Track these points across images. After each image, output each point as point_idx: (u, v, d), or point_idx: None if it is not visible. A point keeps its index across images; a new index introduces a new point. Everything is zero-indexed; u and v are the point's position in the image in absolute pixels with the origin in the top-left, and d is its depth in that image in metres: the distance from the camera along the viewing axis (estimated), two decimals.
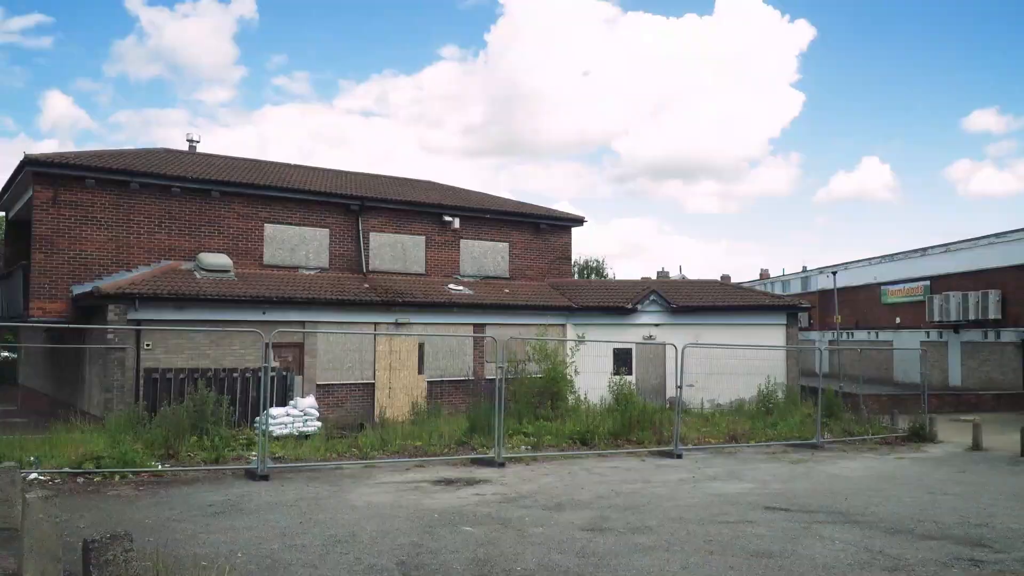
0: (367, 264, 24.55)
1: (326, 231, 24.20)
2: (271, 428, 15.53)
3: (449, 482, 12.32)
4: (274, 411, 16.34)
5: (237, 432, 15.41)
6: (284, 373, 18.72)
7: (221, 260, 21.45)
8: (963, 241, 37.38)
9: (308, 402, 17.36)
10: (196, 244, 22.15)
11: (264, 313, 20.30)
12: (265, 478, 12.09)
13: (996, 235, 34.95)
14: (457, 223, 26.14)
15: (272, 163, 28.50)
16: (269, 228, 23.30)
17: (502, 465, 13.92)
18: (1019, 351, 31.86)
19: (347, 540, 8.42)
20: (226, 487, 11.50)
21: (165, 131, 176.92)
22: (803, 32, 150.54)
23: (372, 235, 24.88)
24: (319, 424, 17.04)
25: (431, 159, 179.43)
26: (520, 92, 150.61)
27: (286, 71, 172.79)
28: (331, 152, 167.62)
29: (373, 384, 21.80)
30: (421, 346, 22.63)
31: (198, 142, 27.87)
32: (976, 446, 17.74)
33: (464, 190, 31.37)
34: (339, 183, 26.21)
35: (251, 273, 22.29)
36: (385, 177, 30.82)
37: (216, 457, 13.38)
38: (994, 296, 32.77)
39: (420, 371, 22.54)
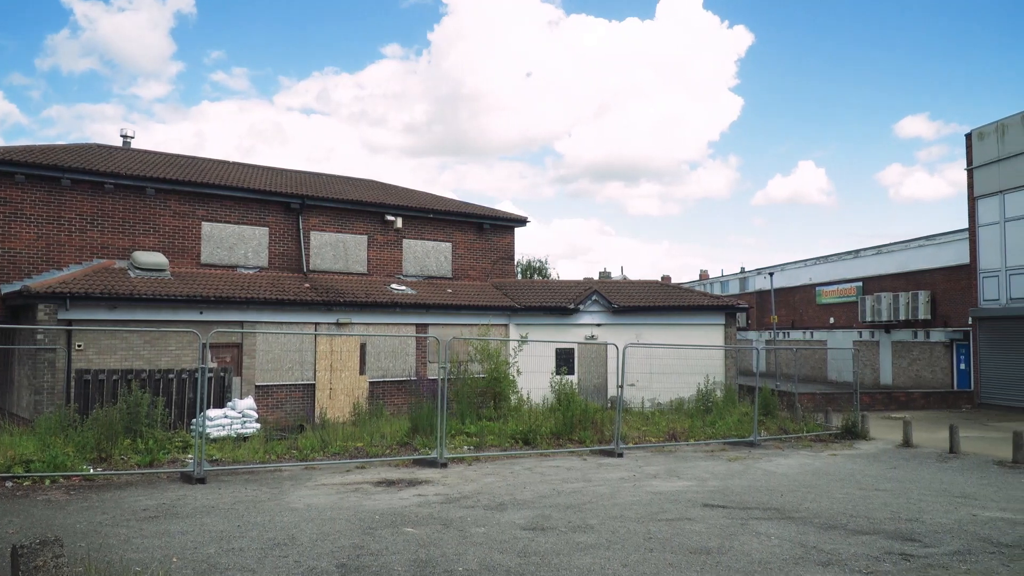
0: (308, 263, 24.24)
1: (265, 230, 23.82)
2: (208, 430, 15.24)
3: (391, 483, 12.23)
4: (211, 413, 16.04)
5: (173, 434, 15.08)
6: (222, 374, 18.36)
7: (156, 259, 20.96)
8: (894, 243, 38.57)
9: (247, 403, 17.05)
10: (130, 242, 21.61)
11: (201, 313, 19.91)
12: (202, 481, 11.85)
13: (926, 238, 36.16)
14: (400, 222, 25.99)
15: (210, 160, 27.93)
16: (206, 226, 22.85)
17: (444, 465, 13.88)
18: (947, 350, 32.98)
19: (286, 543, 8.30)
20: (161, 491, 11.23)
21: (99, 126, 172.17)
22: (742, 38, 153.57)
23: (313, 234, 24.57)
24: (258, 426, 16.75)
25: (373, 158, 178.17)
26: (463, 92, 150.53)
27: (224, 67, 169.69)
28: (271, 149, 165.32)
29: (313, 385, 21.53)
30: (363, 346, 22.44)
31: (132, 138, 27.20)
32: (907, 443, 18.29)
33: (407, 189, 31.20)
34: (279, 181, 25.82)
35: (188, 272, 21.83)
36: (326, 175, 30.46)
37: (151, 460, 13.08)
38: (924, 297, 33.89)
39: (362, 371, 22.34)
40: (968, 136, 29.38)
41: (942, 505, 11.03)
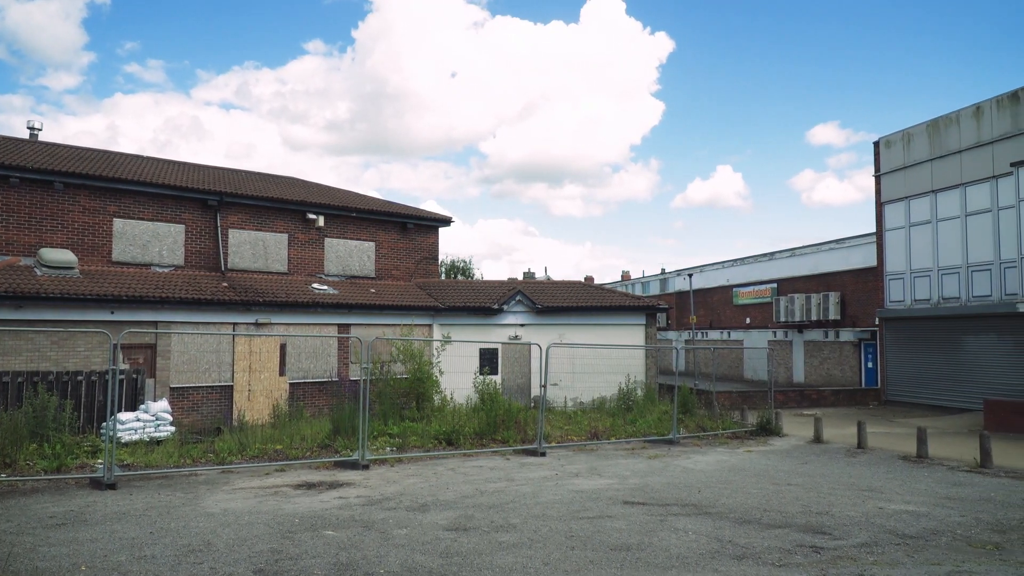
0: (226, 262, 23.66)
1: (181, 227, 23.15)
2: (119, 434, 14.76)
3: (311, 486, 12.04)
4: (123, 416, 15.54)
5: (82, 439, 14.58)
6: (134, 376, 17.78)
7: (64, 256, 20.15)
8: (807, 246, 39.86)
9: (160, 406, 16.56)
10: (37, 239, 20.71)
11: (112, 313, 19.24)
12: (112, 487, 11.46)
13: (836, 241, 37.49)
14: (321, 221, 25.59)
15: (123, 154, 26.99)
16: (118, 223, 22.07)
17: (366, 467, 13.74)
18: (856, 350, 34.25)
19: (201, 549, 8.08)
20: (69, 497, 10.81)
21: (4, 118, 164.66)
22: (663, 44, 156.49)
23: (231, 232, 23.99)
24: (172, 429, 16.30)
25: (294, 155, 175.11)
26: (387, 90, 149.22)
27: (139, 58, 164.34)
28: (188, 145, 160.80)
29: (231, 386, 21.03)
30: (283, 347, 22.03)
31: (40, 130, 26.10)
32: (817, 439, 18.92)
33: (329, 187, 30.76)
34: (196, 177, 25.13)
35: (98, 270, 21.05)
36: (246, 172, 29.79)
37: (58, 466, 12.60)
38: (834, 298, 35.13)
39: (282, 373, 21.92)
40: (876, 144, 30.56)
41: (850, 499, 11.43)
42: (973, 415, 23.85)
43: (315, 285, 24.22)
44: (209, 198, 23.42)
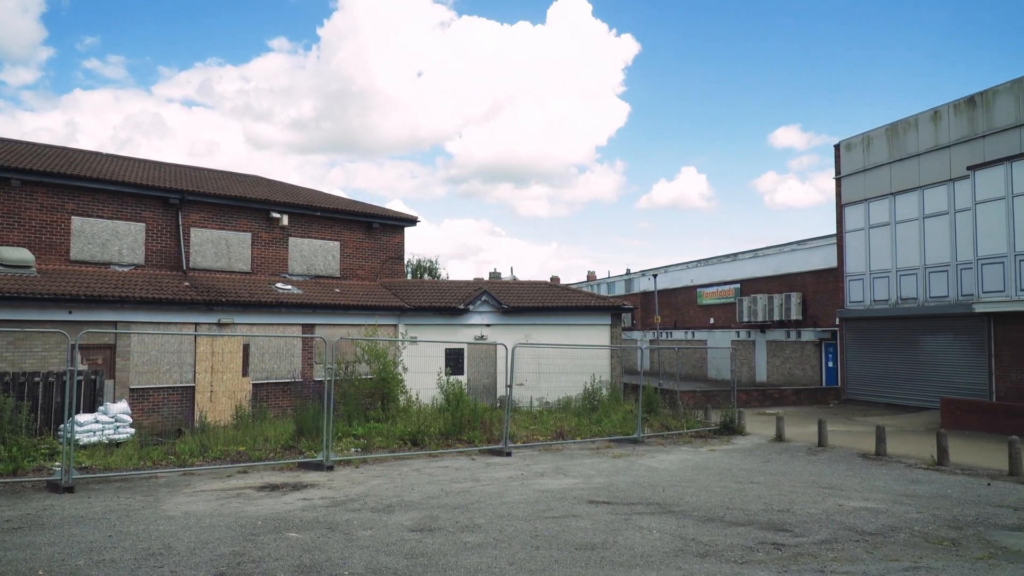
0: (187, 261, 23.35)
1: (142, 225, 22.79)
2: (78, 436, 14.51)
3: (274, 487, 11.92)
4: (81, 418, 15.27)
5: (39, 441, 14.29)
6: (93, 377, 17.47)
7: (21, 255, 19.74)
8: (769, 247, 40.35)
9: (120, 407, 16.29)
10: None
11: (71, 312, 18.90)
12: (70, 490, 11.26)
13: (798, 242, 38.00)
14: (286, 220, 25.35)
15: (82, 151, 26.51)
16: (77, 221, 21.67)
17: (331, 468, 13.64)
18: (817, 349, 34.74)
19: (161, 553, 7.96)
20: (25, 501, 10.59)
21: None
22: (629, 46, 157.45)
23: (193, 231, 23.67)
24: (132, 431, 16.04)
25: (258, 153, 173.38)
26: (353, 89, 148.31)
27: (99, 54, 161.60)
28: (149, 142, 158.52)
29: (193, 387, 20.75)
30: (246, 347, 21.78)
31: None
32: (779, 437, 19.16)
33: (293, 186, 30.49)
34: (157, 175, 24.76)
35: (56, 269, 20.66)
36: (208, 170, 29.42)
37: (14, 468, 12.34)
38: (796, 298, 35.61)
39: (244, 373, 21.68)
40: (837, 147, 31.03)
41: (811, 496, 11.59)
42: (930, 413, 24.32)
43: (279, 285, 24.00)
44: (170, 196, 23.09)
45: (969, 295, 24.01)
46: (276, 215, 25.15)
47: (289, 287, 23.93)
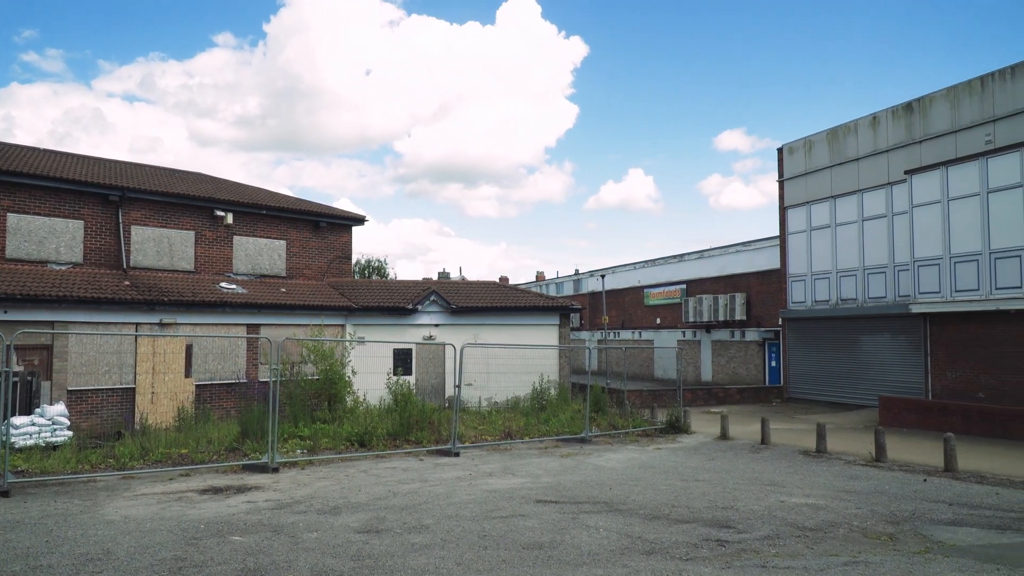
0: (128, 260, 22.81)
1: (80, 223, 22.19)
2: (13, 439, 14.08)
3: (218, 490, 11.72)
4: (16, 420, 14.81)
5: None
6: (29, 378, 16.95)
7: None
8: (715, 248, 40.98)
9: (57, 409, 15.84)
10: None
11: (6, 312, 18.33)
12: (5, 494, 10.93)
13: (742, 244, 38.65)
14: (230, 218, 24.91)
15: (18, 146, 25.71)
16: (13, 218, 21.01)
17: (276, 470, 13.46)
18: (761, 349, 35.36)
19: (100, 558, 7.77)
20: None
21: None
22: (577, 49, 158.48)
23: (134, 229, 23.13)
24: (70, 433, 15.62)
25: (202, 150, 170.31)
26: (300, 87, 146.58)
27: (37, 47, 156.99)
28: (90, 138, 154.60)
29: (133, 389, 20.27)
30: (189, 348, 21.36)
31: None
32: (724, 436, 19.47)
33: (238, 184, 29.99)
34: (96, 171, 24.13)
35: None
36: (150, 167, 28.77)
37: None
38: (740, 299, 36.21)
39: (187, 374, 21.25)
40: (780, 150, 31.65)
41: (754, 493, 11.80)
42: (869, 411, 24.95)
43: (223, 284, 23.59)
44: (110, 193, 22.53)
45: (906, 296, 24.69)
46: (220, 213, 24.71)
47: (234, 287, 23.54)
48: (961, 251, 21.85)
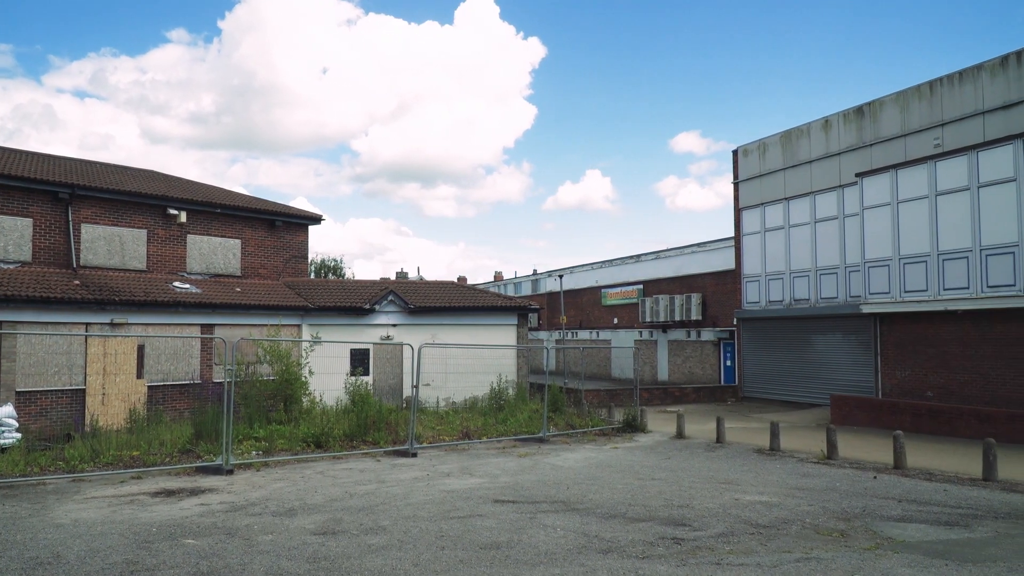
0: (78, 259, 22.32)
1: (28, 221, 21.65)
2: None
3: (170, 493, 11.54)
4: None
5: None
6: None
7: None
8: (671, 249, 41.39)
9: (5, 411, 15.48)
10: None
11: None
12: None
13: (698, 245, 39.10)
14: (184, 217, 24.51)
15: None
16: None
17: (230, 472, 13.30)
18: (716, 348, 35.80)
19: (50, 562, 7.60)
20: None
21: None
22: (536, 50, 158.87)
23: (84, 227, 22.64)
24: (18, 436, 15.27)
25: (155, 147, 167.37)
26: (255, 84, 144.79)
27: None
28: (39, 134, 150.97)
29: (84, 390, 19.85)
30: (141, 348, 20.97)
31: None
32: (680, 435, 19.67)
33: (192, 182, 29.53)
34: (46, 168, 23.57)
35: None
36: (101, 164, 28.19)
37: None
38: (696, 299, 36.62)
39: (139, 375, 20.87)
40: (735, 153, 32.08)
41: (709, 491, 11.95)
42: (821, 410, 25.40)
43: (176, 284, 23.20)
44: (60, 191, 22.02)
45: (857, 296, 25.18)
46: (174, 211, 24.29)
47: (187, 286, 23.17)
48: (910, 252, 22.35)
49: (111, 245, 23.14)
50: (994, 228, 20.16)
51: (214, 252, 25.54)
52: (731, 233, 32.85)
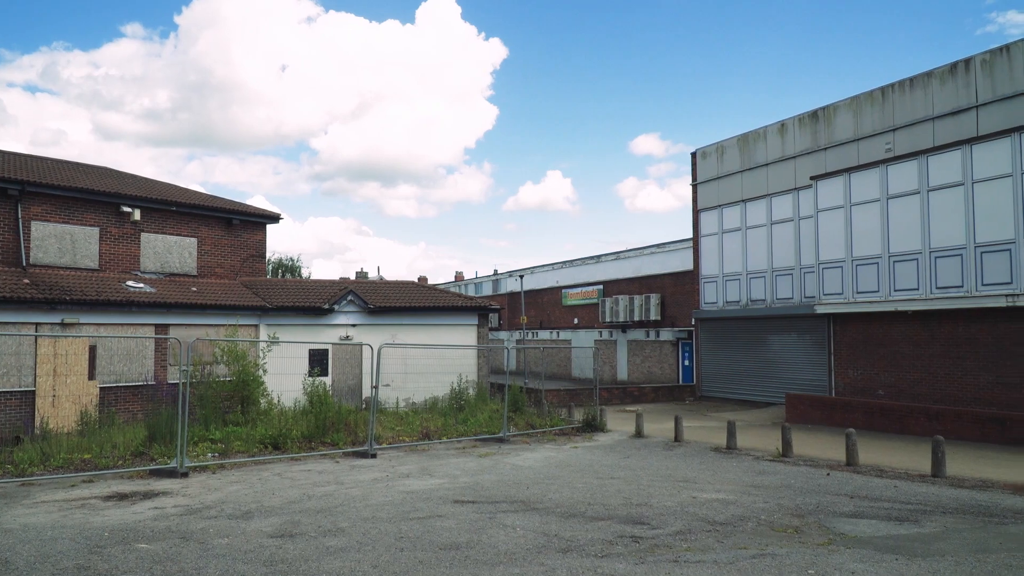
0: (28, 257, 21.81)
1: None
2: None
3: (123, 496, 11.33)
4: None
5: None
6: None
7: None
8: (631, 250, 41.69)
9: None
10: None
11: None
12: None
13: (657, 246, 39.44)
14: (138, 214, 24.07)
15: None
16: None
17: (185, 475, 13.09)
18: (674, 348, 36.15)
19: None
20: None
21: None
22: (497, 51, 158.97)
23: (35, 224, 22.12)
24: None
25: (108, 144, 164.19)
26: (213, 81, 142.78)
27: None
28: None
29: (33, 392, 19.39)
30: (93, 349, 20.56)
31: None
32: (639, 434, 19.82)
33: (147, 179, 29.01)
34: None
35: None
36: (52, 160, 27.57)
37: None
38: (655, 299, 36.94)
39: (92, 376, 20.45)
40: (694, 155, 32.41)
41: (667, 490, 12.06)
42: (777, 408, 25.78)
43: (130, 283, 22.78)
44: (9, 187, 21.49)
45: (811, 297, 25.60)
46: (127, 209, 23.85)
47: (141, 285, 22.76)
48: (863, 254, 22.79)
49: (62, 243, 22.65)
50: (943, 231, 20.66)
51: (169, 251, 25.13)
52: (689, 234, 33.18)
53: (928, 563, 7.73)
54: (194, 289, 23.89)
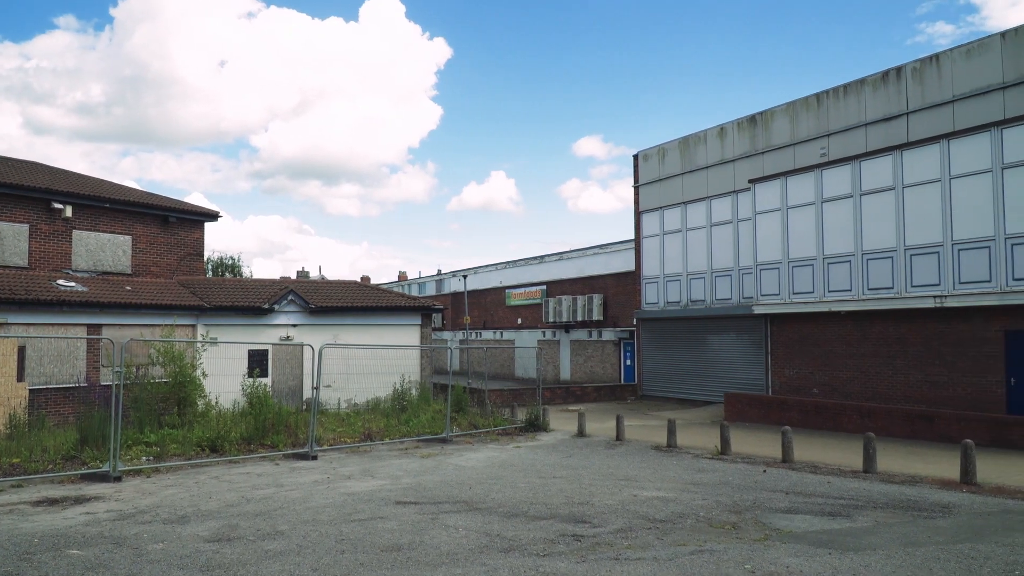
0: None
1: None
2: None
3: (53, 502, 11.00)
4: None
5: None
6: None
7: None
8: (574, 251, 41.99)
9: None
10: None
11: None
12: None
13: (600, 247, 39.79)
14: (69, 211, 23.36)
15: None
16: None
17: (119, 479, 12.77)
18: (617, 348, 36.50)
19: None
20: None
21: None
22: (441, 50, 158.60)
23: None
24: None
25: (38, 138, 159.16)
26: (148, 75, 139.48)
27: None
28: None
29: None
30: (21, 349, 19.88)
31: None
32: (581, 433, 19.97)
33: (78, 175, 28.19)
34: None
35: None
36: None
37: None
38: (598, 300, 37.27)
39: (20, 378, 19.76)
40: (636, 157, 32.77)
41: (609, 488, 12.18)
42: (716, 407, 26.23)
43: (61, 281, 22.11)
44: None
45: (749, 298, 26.11)
46: (58, 205, 23.14)
47: (73, 284, 22.10)
48: (798, 256, 23.33)
49: None
50: (874, 234, 21.26)
51: (102, 249, 24.45)
52: (631, 236, 33.54)
53: (860, 557, 7.95)
54: (128, 288, 23.29)
